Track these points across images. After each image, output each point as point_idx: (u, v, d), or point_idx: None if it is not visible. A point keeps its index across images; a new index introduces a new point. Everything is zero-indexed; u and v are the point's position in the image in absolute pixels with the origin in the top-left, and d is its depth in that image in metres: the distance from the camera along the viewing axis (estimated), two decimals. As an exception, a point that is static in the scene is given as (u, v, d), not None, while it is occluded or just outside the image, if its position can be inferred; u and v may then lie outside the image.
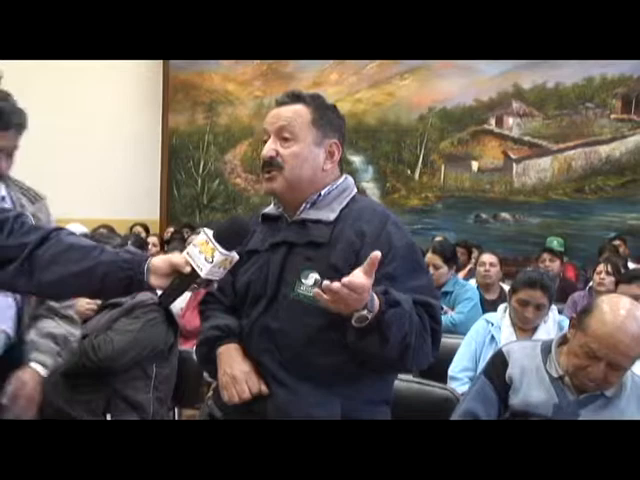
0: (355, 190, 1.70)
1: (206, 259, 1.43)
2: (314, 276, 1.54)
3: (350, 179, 1.73)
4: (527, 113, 7.50)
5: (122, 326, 2.52)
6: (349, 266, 1.49)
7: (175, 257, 1.48)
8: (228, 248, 1.45)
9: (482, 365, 2.40)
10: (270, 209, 1.73)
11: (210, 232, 1.47)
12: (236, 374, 1.57)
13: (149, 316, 2.55)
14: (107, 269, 1.45)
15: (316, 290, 1.38)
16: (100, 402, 2.47)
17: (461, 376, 2.95)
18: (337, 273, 1.49)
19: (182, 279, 1.46)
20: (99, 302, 2.58)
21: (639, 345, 1.83)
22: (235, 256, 1.48)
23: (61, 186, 7.41)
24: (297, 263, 1.58)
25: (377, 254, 1.36)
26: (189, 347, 3.04)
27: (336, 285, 1.33)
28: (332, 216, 1.60)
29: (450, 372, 2.99)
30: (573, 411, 1.89)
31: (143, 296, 2.55)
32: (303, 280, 1.55)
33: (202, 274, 1.43)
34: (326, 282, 1.35)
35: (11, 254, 1.45)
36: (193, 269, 1.44)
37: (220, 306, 1.73)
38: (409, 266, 1.55)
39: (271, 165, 1.61)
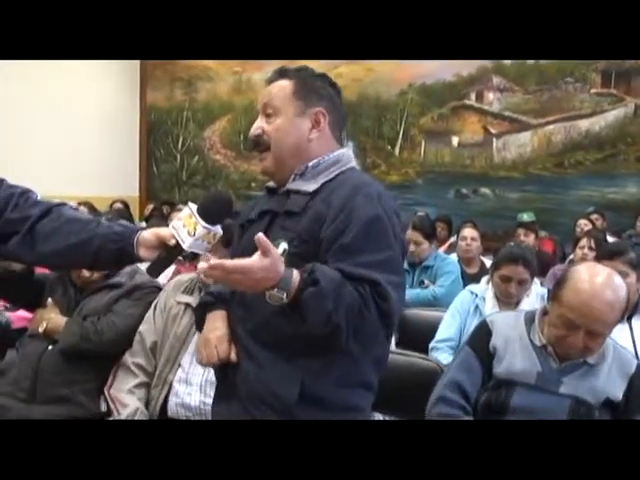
0: (350, 164, 1.67)
1: (189, 232, 1.50)
2: (284, 245, 1.53)
3: (346, 153, 1.69)
4: (507, 88, 7.51)
5: (123, 309, 2.51)
6: (312, 237, 1.51)
7: (162, 230, 1.56)
8: (212, 222, 1.50)
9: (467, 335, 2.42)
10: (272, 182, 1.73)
11: (194, 206, 1.53)
12: (209, 337, 1.61)
13: (149, 298, 2.55)
14: (102, 241, 1.54)
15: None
16: (96, 383, 2.46)
17: (441, 346, 2.95)
18: (302, 243, 1.51)
19: (168, 251, 1.55)
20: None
21: (614, 311, 1.86)
22: (219, 230, 1.53)
23: (40, 164, 7.33)
24: (275, 232, 1.57)
25: (260, 235, 1.32)
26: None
27: (201, 266, 1.33)
28: (312, 187, 1.59)
29: (432, 344, 2.99)
30: (556, 378, 1.92)
31: (142, 278, 2.58)
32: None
33: (185, 246, 1.51)
34: (200, 264, 1.36)
35: (15, 227, 1.53)
36: (178, 242, 1.51)
37: None
38: (365, 240, 1.49)
39: (259, 144, 1.63)
